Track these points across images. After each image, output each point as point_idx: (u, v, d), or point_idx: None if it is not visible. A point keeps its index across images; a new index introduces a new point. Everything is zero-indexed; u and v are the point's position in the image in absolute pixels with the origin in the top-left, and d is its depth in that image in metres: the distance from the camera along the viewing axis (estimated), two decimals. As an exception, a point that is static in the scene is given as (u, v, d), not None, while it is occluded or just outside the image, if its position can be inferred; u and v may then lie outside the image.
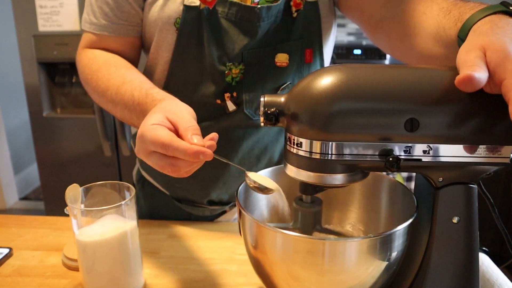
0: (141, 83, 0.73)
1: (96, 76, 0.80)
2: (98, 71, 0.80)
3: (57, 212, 0.84)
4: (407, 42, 0.71)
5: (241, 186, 0.61)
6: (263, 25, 0.79)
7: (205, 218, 0.96)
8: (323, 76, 0.50)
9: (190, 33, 0.79)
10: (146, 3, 0.81)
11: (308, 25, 0.83)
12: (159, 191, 0.97)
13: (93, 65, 0.82)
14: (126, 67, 0.80)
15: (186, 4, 0.77)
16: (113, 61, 0.81)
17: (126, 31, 0.83)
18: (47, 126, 2.04)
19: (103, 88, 0.78)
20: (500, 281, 0.69)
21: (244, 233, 0.58)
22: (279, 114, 0.52)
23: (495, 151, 0.49)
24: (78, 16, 1.88)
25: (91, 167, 2.04)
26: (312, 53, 0.86)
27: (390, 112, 0.48)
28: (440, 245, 0.53)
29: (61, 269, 0.76)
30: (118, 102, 0.74)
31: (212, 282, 0.73)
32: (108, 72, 0.78)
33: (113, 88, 0.75)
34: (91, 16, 0.83)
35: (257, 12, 0.78)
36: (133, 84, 0.73)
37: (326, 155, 0.50)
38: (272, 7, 0.78)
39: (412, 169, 0.51)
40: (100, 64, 0.81)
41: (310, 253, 0.50)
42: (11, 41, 2.40)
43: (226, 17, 0.79)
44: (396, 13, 0.73)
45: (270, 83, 0.84)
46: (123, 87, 0.74)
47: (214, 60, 0.80)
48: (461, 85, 0.43)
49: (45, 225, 0.91)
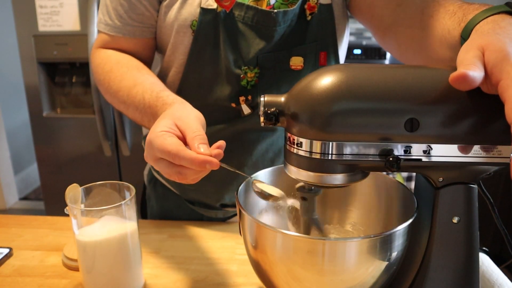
0: (152, 85, 0.73)
1: (109, 77, 0.80)
2: (110, 72, 0.80)
3: (57, 212, 0.84)
4: (415, 45, 0.71)
5: (241, 186, 0.61)
6: (279, 29, 0.79)
7: (218, 219, 0.96)
8: (323, 76, 0.50)
9: (206, 35, 0.79)
10: (162, 6, 0.80)
11: (322, 28, 0.83)
12: (171, 192, 0.97)
13: (106, 66, 0.82)
14: (138, 68, 0.80)
15: (203, 6, 0.78)
16: (125, 61, 0.81)
17: (141, 33, 0.83)
18: (47, 126, 2.04)
19: (115, 89, 0.78)
20: (500, 281, 0.69)
21: (244, 233, 0.58)
22: (279, 114, 0.52)
23: (495, 151, 0.49)
24: (78, 16, 1.88)
25: (91, 167, 2.04)
26: (326, 56, 0.85)
27: (390, 112, 0.48)
28: (440, 245, 0.53)
29: (61, 269, 0.76)
30: (129, 104, 0.75)
31: (212, 282, 0.73)
32: (120, 73, 0.79)
33: (124, 90, 0.76)
34: (106, 17, 0.83)
35: (273, 16, 0.78)
36: (144, 86, 0.73)
37: (326, 155, 0.50)
38: (289, 12, 0.79)
39: (412, 169, 0.51)
40: (112, 65, 0.81)
41: (310, 253, 0.50)
42: (11, 41, 2.40)
43: (243, 21, 0.79)
44: (404, 17, 0.73)
45: (285, 87, 0.84)
46: (134, 89, 0.74)
47: (229, 63, 0.80)
48: (455, 82, 0.43)
49: (45, 225, 0.91)
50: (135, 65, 0.81)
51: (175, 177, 0.57)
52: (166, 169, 0.57)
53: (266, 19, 0.78)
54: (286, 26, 0.80)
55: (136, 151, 1.99)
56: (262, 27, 0.79)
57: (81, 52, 1.89)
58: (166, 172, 0.57)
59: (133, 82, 0.75)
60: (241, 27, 0.79)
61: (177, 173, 0.57)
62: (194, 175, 0.57)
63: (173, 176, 0.57)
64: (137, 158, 2.00)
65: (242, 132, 0.86)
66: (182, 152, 0.54)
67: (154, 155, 0.57)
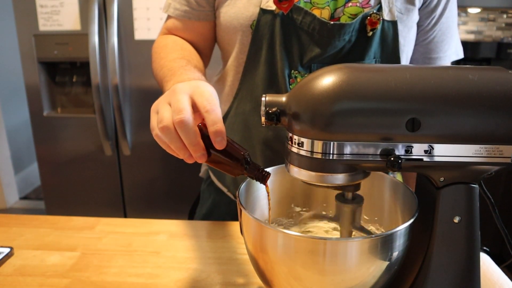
0: (188, 62, 0.77)
1: (160, 49, 0.85)
2: (165, 46, 0.86)
3: (57, 211, 0.84)
4: None
5: (242, 186, 0.61)
6: (336, 42, 0.79)
7: None
8: (324, 75, 0.50)
9: (263, 35, 0.81)
10: (223, 5, 0.84)
11: (384, 45, 0.82)
12: (223, 194, 0.98)
13: (163, 41, 0.89)
14: (188, 50, 0.85)
15: (262, 7, 0.80)
16: (180, 42, 0.88)
17: (205, 16, 0.87)
18: (47, 126, 2.04)
19: (161, 56, 0.82)
20: (501, 281, 0.69)
21: (244, 233, 0.58)
22: (281, 113, 0.52)
23: (496, 151, 0.49)
24: (79, 16, 1.88)
25: (91, 167, 2.04)
26: None
27: (392, 112, 0.48)
28: (441, 244, 0.53)
29: (62, 268, 0.76)
30: (164, 65, 0.78)
31: (212, 282, 0.73)
32: (171, 47, 0.85)
33: (166, 58, 0.80)
34: (175, 2, 0.88)
35: (329, 27, 0.78)
36: (183, 58, 0.78)
37: (327, 154, 0.50)
38: (345, 26, 0.78)
39: (413, 169, 0.51)
40: (168, 42, 0.87)
41: (311, 253, 0.50)
42: (12, 40, 2.40)
43: (300, 25, 0.80)
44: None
45: None
46: (174, 60, 0.78)
47: (283, 66, 0.81)
48: None
49: (46, 224, 0.91)
50: (187, 48, 0.86)
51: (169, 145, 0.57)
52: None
53: (322, 28, 0.79)
54: (345, 41, 0.80)
55: (137, 150, 1.99)
56: (318, 35, 0.79)
57: (82, 52, 1.89)
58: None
59: (180, 55, 0.80)
60: (298, 31, 0.80)
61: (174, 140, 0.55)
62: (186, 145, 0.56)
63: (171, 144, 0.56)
64: (138, 157, 2.01)
65: None
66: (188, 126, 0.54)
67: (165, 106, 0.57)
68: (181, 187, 2.00)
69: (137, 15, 1.83)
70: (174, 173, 2.00)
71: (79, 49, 1.91)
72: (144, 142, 1.98)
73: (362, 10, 0.79)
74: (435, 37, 0.88)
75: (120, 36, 1.86)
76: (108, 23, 1.83)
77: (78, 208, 2.06)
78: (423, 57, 0.90)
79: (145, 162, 2.00)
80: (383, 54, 0.83)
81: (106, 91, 1.92)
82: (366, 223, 0.69)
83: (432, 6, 0.84)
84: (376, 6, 0.80)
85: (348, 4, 0.79)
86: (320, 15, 0.79)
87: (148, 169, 2.01)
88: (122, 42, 1.86)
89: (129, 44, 1.86)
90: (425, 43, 0.89)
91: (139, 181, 2.03)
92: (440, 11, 0.85)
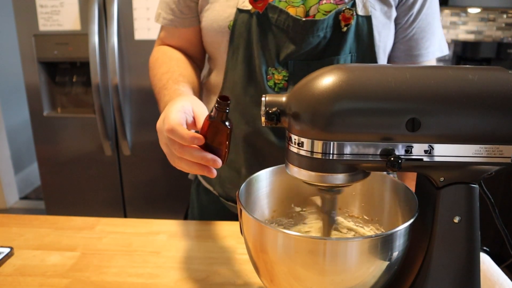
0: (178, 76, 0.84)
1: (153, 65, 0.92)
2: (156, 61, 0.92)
3: (57, 211, 0.84)
4: None
5: (242, 186, 0.61)
6: (310, 39, 0.80)
7: None
8: (324, 75, 0.50)
9: (240, 35, 0.83)
10: (204, 10, 0.86)
11: (359, 40, 0.83)
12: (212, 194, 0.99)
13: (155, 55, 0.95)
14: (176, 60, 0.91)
15: (239, 7, 0.82)
16: (170, 53, 0.93)
17: (190, 23, 0.91)
18: (47, 126, 2.04)
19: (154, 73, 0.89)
20: (501, 281, 0.69)
21: (245, 233, 0.58)
22: (281, 114, 0.52)
23: (496, 151, 0.49)
24: (79, 16, 1.88)
25: (91, 167, 2.04)
26: None
27: (392, 112, 0.48)
28: (441, 244, 0.53)
29: (62, 268, 0.76)
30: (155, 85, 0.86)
31: (212, 282, 0.73)
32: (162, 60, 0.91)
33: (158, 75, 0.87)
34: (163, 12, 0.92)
35: (301, 24, 0.79)
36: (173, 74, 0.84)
37: (327, 154, 0.50)
38: (318, 22, 0.79)
39: (413, 169, 0.51)
40: (159, 55, 0.93)
41: (311, 253, 0.50)
42: (12, 40, 2.40)
43: (275, 23, 0.81)
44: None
45: None
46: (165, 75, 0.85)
47: (261, 63, 0.83)
48: None
49: (46, 224, 0.91)
50: (176, 57, 0.91)
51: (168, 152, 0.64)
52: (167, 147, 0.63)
53: (295, 25, 0.80)
54: (320, 37, 0.81)
55: (137, 150, 1.99)
56: (292, 33, 0.81)
57: (82, 52, 1.89)
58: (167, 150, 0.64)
59: (166, 69, 0.86)
60: (274, 29, 0.82)
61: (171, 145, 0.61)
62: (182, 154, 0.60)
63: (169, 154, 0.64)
64: (138, 157, 2.00)
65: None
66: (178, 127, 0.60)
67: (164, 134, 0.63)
68: (181, 187, 2.00)
69: (137, 15, 1.83)
70: (174, 173, 1.99)
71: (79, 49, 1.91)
72: (144, 142, 1.98)
73: (336, 7, 0.80)
74: (414, 34, 0.88)
75: (120, 36, 1.86)
76: (108, 23, 1.83)
77: (78, 208, 2.06)
78: (404, 54, 0.90)
79: (145, 162, 2.00)
80: (358, 49, 0.83)
81: (106, 91, 1.92)
82: (366, 223, 0.69)
83: (409, 4, 0.84)
84: (350, 2, 0.81)
85: (322, 2, 0.81)
86: (296, 13, 0.81)
87: (148, 169, 2.01)
88: (122, 42, 1.87)
89: (129, 44, 1.86)
90: (405, 40, 0.88)
91: (139, 181, 2.03)
92: (418, 8, 0.85)
